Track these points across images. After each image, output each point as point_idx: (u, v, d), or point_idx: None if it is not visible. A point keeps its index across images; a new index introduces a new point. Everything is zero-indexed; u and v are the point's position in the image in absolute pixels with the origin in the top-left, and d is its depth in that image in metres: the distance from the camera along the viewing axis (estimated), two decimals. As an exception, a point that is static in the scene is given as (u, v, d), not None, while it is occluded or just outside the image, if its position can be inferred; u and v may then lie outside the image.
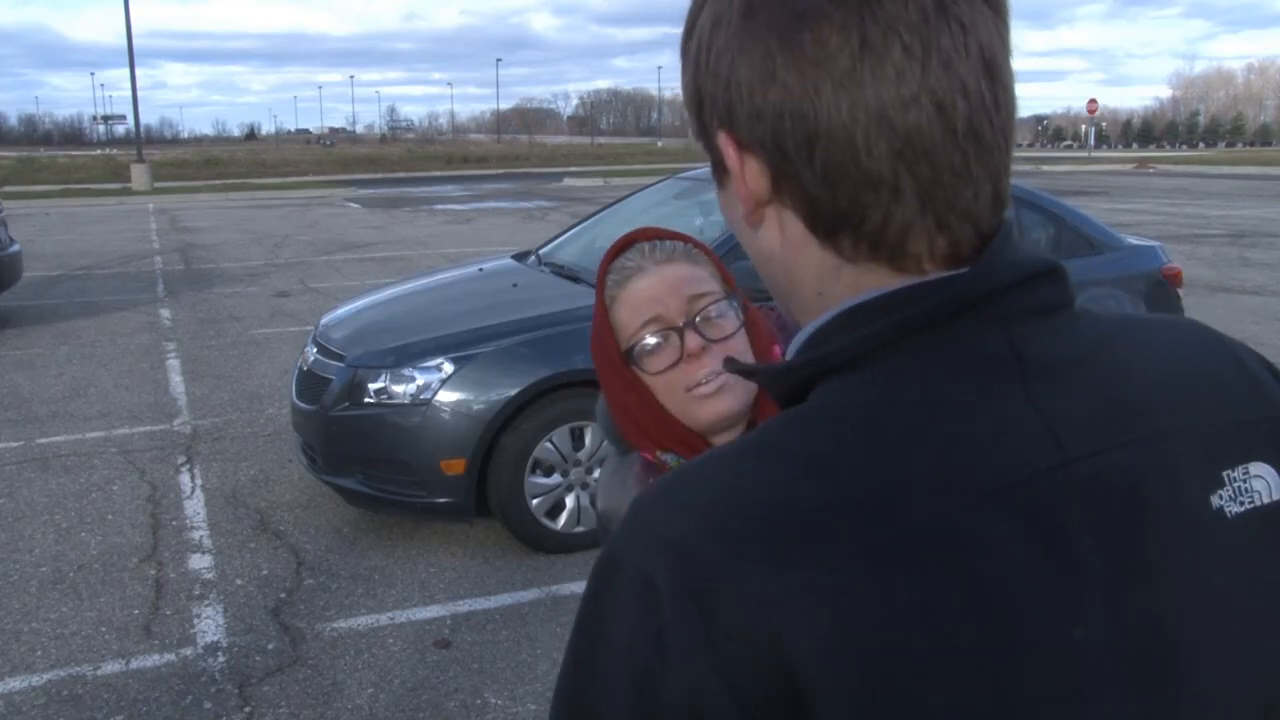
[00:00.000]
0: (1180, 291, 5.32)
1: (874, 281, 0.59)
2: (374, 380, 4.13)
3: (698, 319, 1.12)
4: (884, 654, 0.49)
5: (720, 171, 0.63)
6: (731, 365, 0.72)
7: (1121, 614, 0.54)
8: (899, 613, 0.49)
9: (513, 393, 3.98)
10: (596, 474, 4.18)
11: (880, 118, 0.55)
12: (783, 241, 0.61)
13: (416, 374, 4.08)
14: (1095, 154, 61.96)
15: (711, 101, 0.60)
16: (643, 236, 1.18)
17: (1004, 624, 0.50)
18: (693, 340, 1.11)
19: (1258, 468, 0.59)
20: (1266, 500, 0.59)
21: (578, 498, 4.14)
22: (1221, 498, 0.58)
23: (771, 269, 0.63)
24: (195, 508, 4.68)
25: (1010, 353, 0.56)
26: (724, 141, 0.59)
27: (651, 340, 1.11)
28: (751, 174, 0.59)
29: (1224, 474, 0.58)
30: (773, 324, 1.24)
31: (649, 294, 1.13)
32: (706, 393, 1.10)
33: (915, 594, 0.50)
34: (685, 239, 1.19)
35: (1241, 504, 0.58)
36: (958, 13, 0.55)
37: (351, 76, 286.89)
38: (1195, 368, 0.63)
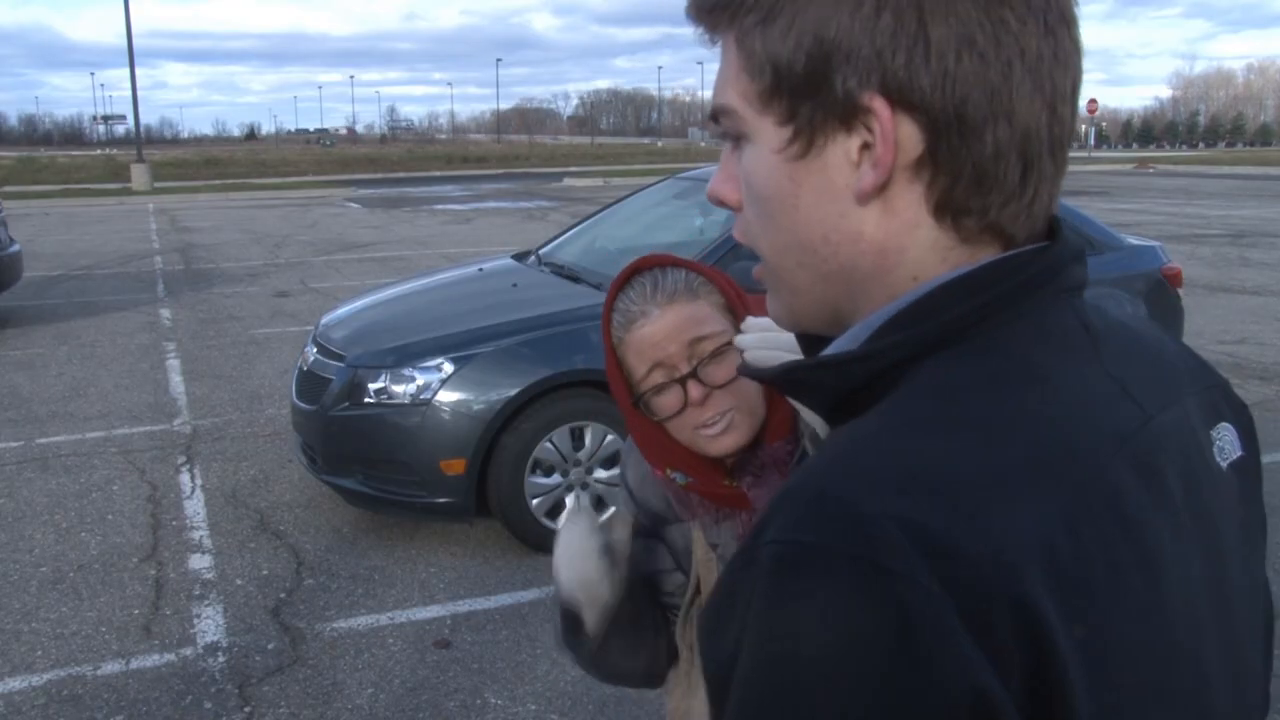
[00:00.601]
0: (1180, 291, 5.32)
1: (976, 260, 0.59)
2: (374, 380, 4.13)
3: (699, 366, 1.14)
4: (1089, 603, 0.51)
5: (813, 137, 0.58)
6: (786, 369, 0.65)
7: (1205, 555, 0.59)
8: (1094, 563, 0.51)
9: (513, 393, 3.98)
10: (598, 474, 4.18)
11: (1051, 105, 0.57)
12: (884, 222, 0.58)
13: (416, 374, 4.08)
14: (1095, 154, 61.98)
15: (866, 59, 0.55)
16: (646, 265, 1.18)
17: (1155, 567, 0.55)
18: (695, 391, 1.14)
19: (1224, 428, 0.67)
20: (1235, 455, 0.67)
21: (578, 497, 4.14)
22: (1214, 453, 0.65)
23: (853, 251, 0.60)
24: (195, 508, 4.68)
25: (1079, 323, 0.60)
26: (879, 104, 0.55)
27: (657, 389, 1.15)
28: (905, 139, 0.56)
29: (1210, 433, 0.66)
30: None
31: (651, 341, 1.14)
32: (714, 434, 1.14)
33: (1100, 544, 0.52)
34: (688, 266, 1.19)
35: (1224, 459, 0.66)
36: (1074, 14, 0.59)
37: (351, 76, 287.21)
38: (1160, 344, 0.68)
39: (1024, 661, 0.48)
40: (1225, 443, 0.66)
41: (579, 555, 1.17)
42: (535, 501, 4.07)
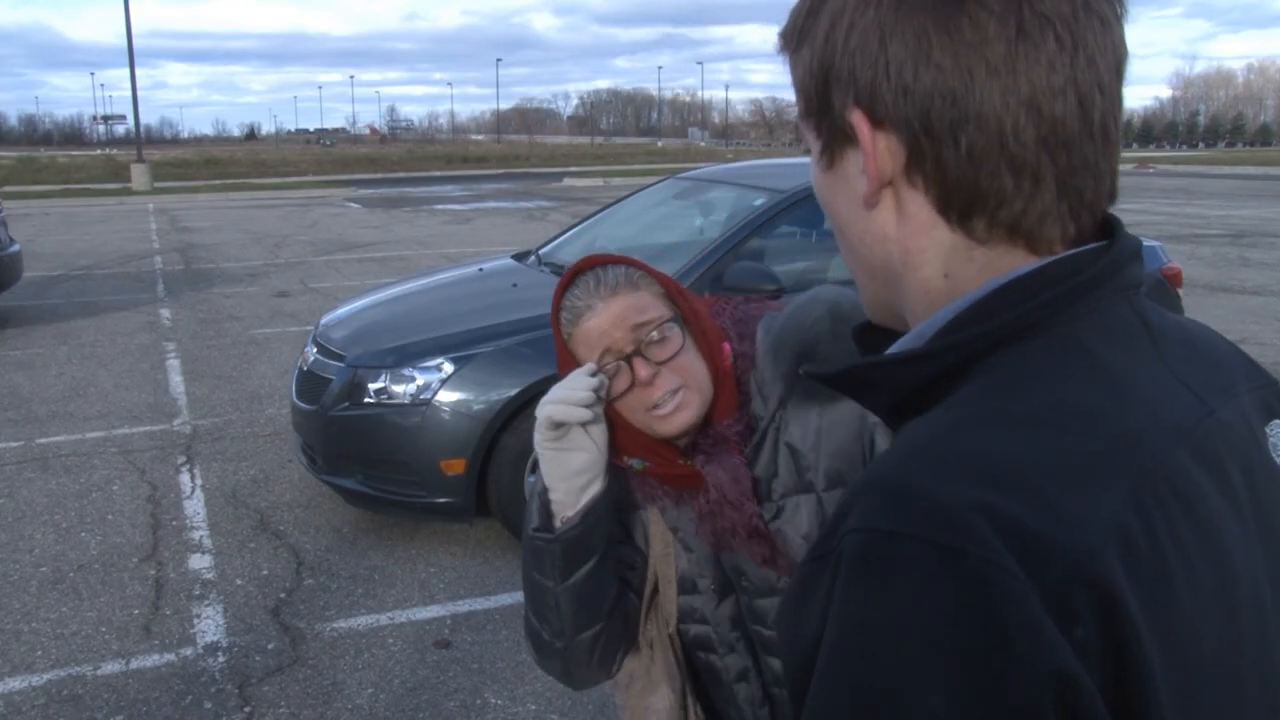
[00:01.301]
0: (1180, 291, 5.33)
1: (1011, 262, 0.61)
2: (374, 380, 4.14)
3: (645, 346, 1.22)
4: (1163, 586, 0.52)
5: (833, 151, 0.64)
6: (844, 366, 0.67)
7: (1266, 546, 0.60)
8: (1164, 548, 0.53)
9: (513, 393, 3.98)
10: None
11: (1030, 105, 0.58)
12: (901, 224, 0.62)
13: (416, 374, 4.08)
14: (1095, 154, 61.92)
15: (846, 79, 0.60)
16: (587, 266, 1.27)
17: (1221, 554, 0.56)
18: (641, 368, 1.21)
19: (1278, 425, 0.68)
20: None
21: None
22: (1270, 449, 0.66)
23: (884, 250, 0.64)
24: (195, 508, 4.68)
25: (1138, 320, 0.62)
26: (857, 119, 0.60)
27: (608, 372, 1.22)
28: (883, 152, 0.60)
29: (1265, 429, 0.66)
30: (728, 320, 1.32)
31: (599, 330, 1.23)
32: (666, 413, 1.22)
33: (1169, 530, 0.54)
34: (627, 262, 1.29)
35: (1279, 455, 0.66)
36: (1100, 10, 0.59)
37: (351, 76, 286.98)
38: (1214, 342, 0.69)
39: (1104, 645, 0.49)
40: (1276, 440, 0.68)
41: (573, 386, 1.21)
42: (535, 501, 4.06)
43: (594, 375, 1.22)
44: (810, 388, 1.26)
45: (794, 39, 0.65)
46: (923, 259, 0.63)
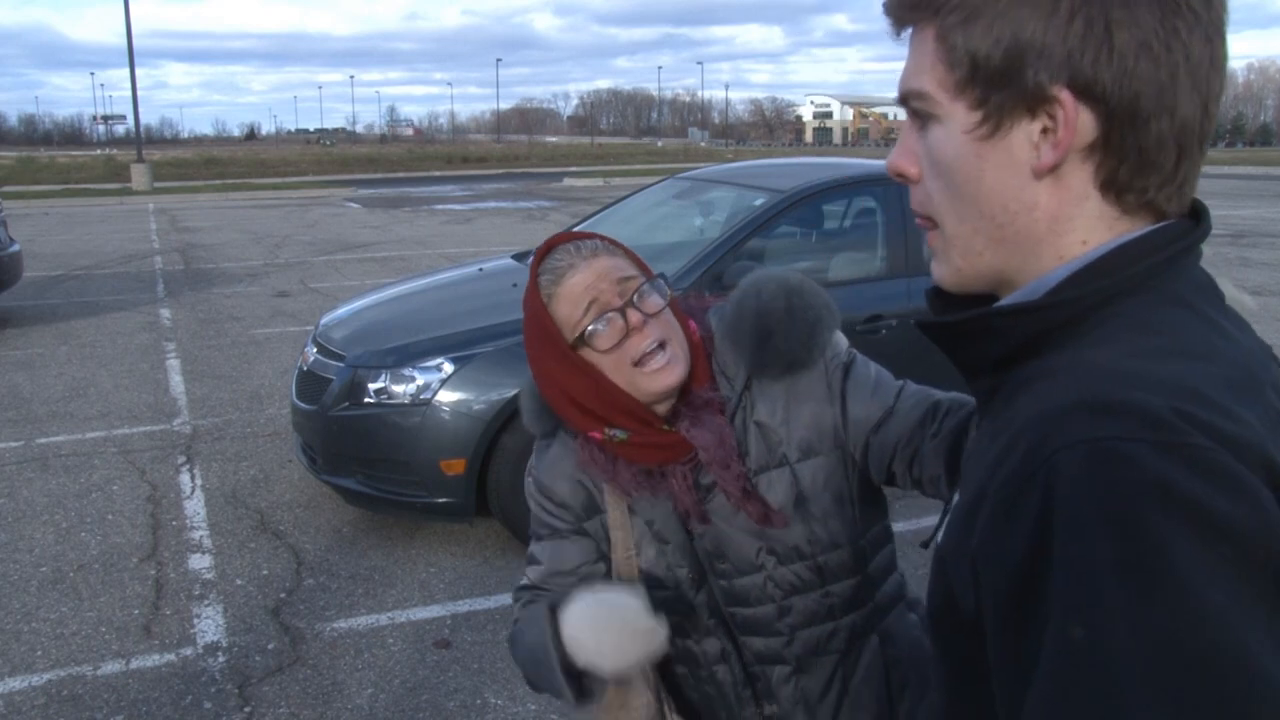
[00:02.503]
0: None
1: (1137, 229, 0.70)
2: (374, 380, 4.14)
3: (634, 297, 1.26)
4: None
5: (1000, 120, 0.69)
6: (980, 311, 0.73)
7: None
8: (1276, 444, 0.60)
9: (512, 393, 3.98)
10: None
11: (1205, 106, 0.67)
12: (1056, 193, 0.69)
13: (416, 374, 4.08)
14: (1095, 154, 61.87)
15: (1058, 57, 0.65)
16: (564, 238, 1.32)
17: None
18: (634, 315, 1.25)
19: None
20: None
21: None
22: None
23: (1029, 218, 0.70)
24: (195, 508, 4.68)
25: (1209, 282, 0.71)
26: (1066, 95, 0.66)
27: (595, 326, 1.25)
28: (1084, 125, 0.66)
29: None
30: (682, 307, 1.37)
31: (584, 285, 1.26)
32: (657, 367, 1.24)
33: (1276, 431, 0.62)
34: (601, 237, 1.33)
35: None
36: (1223, 27, 0.68)
37: (351, 76, 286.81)
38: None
39: None
40: None
41: (629, 633, 1.19)
42: (535, 501, 4.06)
43: (645, 604, 1.22)
44: (774, 363, 1.31)
45: (957, 10, 0.68)
46: (1069, 226, 0.70)
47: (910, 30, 0.73)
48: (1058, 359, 0.67)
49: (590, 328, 1.24)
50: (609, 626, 1.19)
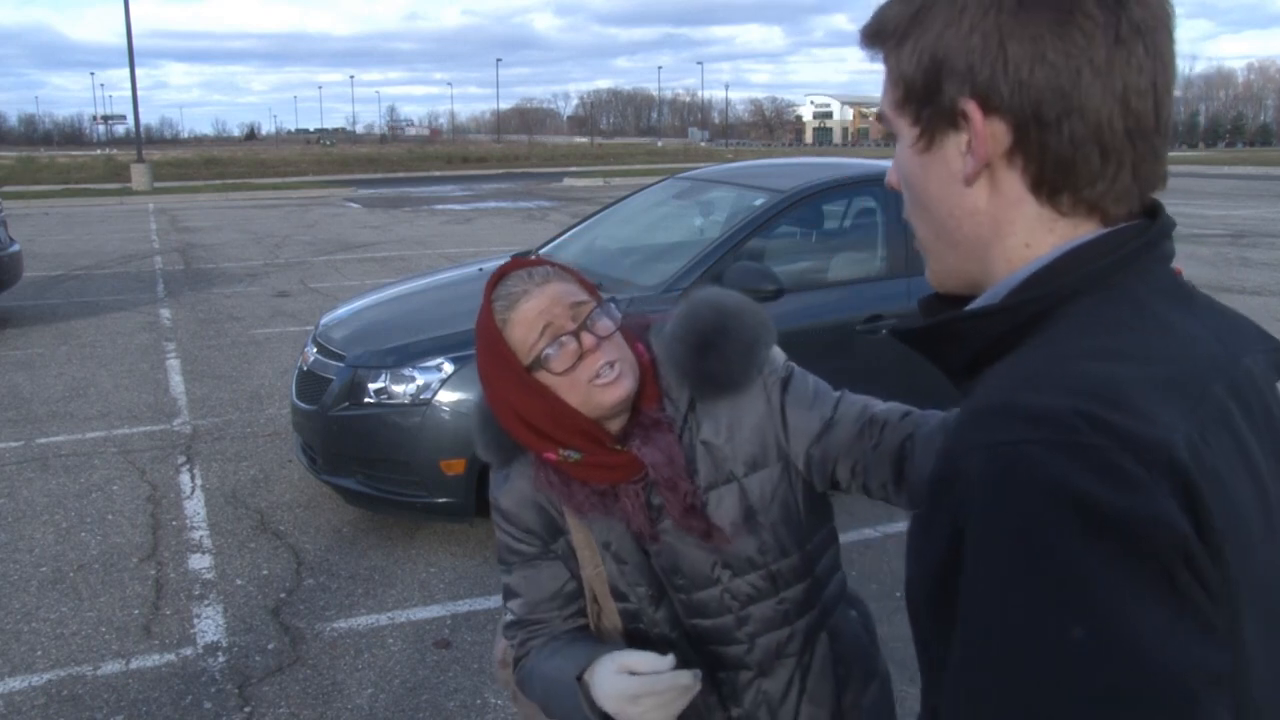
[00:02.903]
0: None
1: (1085, 232, 0.72)
2: (374, 380, 4.13)
3: (587, 321, 1.30)
4: (1223, 499, 0.61)
5: (933, 134, 0.73)
6: (927, 310, 0.80)
7: (1275, 483, 0.70)
8: (1218, 465, 0.62)
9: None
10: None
11: (1122, 101, 0.69)
12: (994, 198, 0.73)
13: (416, 374, 4.08)
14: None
15: (964, 71, 0.69)
16: (515, 267, 1.35)
17: (1257, 478, 0.66)
18: (588, 338, 1.30)
19: None
20: None
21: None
22: (1276, 405, 0.75)
23: (974, 223, 0.74)
24: (195, 508, 4.68)
25: (1173, 283, 0.73)
26: (971, 107, 0.70)
27: (550, 350, 1.29)
28: (995, 135, 0.70)
29: (1274, 385, 0.76)
30: (630, 325, 1.41)
31: (538, 310, 1.30)
32: (608, 380, 1.29)
33: (1221, 450, 0.63)
34: (551, 263, 1.38)
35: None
36: (1168, 25, 0.70)
37: (351, 76, 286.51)
38: (1228, 309, 0.79)
39: (1192, 524, 0.58)
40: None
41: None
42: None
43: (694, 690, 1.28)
44: (714, 386, 1.34)
45: (895, 36, 0.74)
46: (1010, 229, 0.73)
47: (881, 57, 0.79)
48: (1005, 363, 0.70)
49: (546, 351, 1.29)
50: (649, 696, 1.26)
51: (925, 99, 0.72)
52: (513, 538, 1.46)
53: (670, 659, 1.28)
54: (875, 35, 0.77)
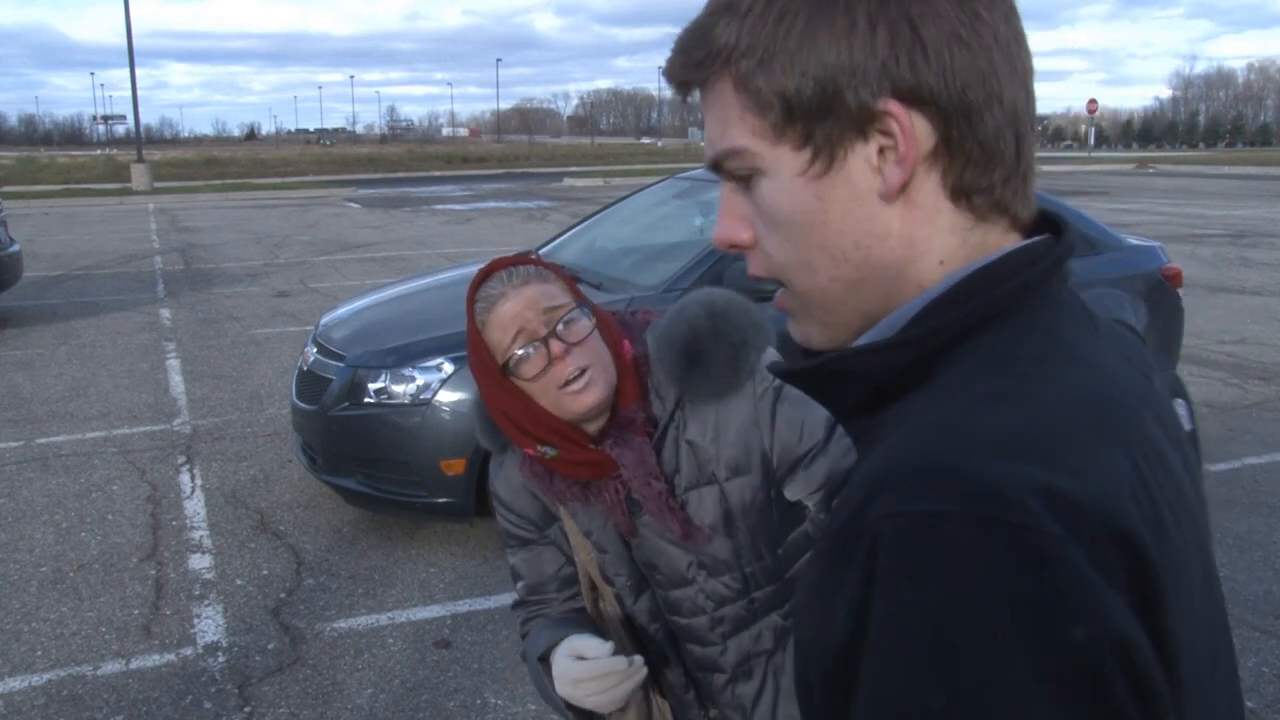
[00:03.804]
0: (1180, 291, 5.32)
1: (992, 240, 0.65)
2: (374, 380, 4.13)
3: (558, 327, 1.31)
4: (1164, 540, 0.56)
5: (832, 153, 0.63)
6: (834, 356, 0.68)
7: (1197, 495, 0.67)
8: (1158, 504, 0.57)
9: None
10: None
11: (1025, 84, 0.64)
12: (908, 214, 0.64)
13: (416, 374, 4.08)
14: (1095, 154, 61.97)
15: (872, 71, 0.61)
16: (499, 266, 1.36)
17: (1189, 510, 0.62)
18: (556, 346, 1.30)
19: (1180, 403, 0.83)
20: (1188, 428, 0.81)
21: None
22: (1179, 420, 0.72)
23: (884, 248, 0.65)
24: (195, 508, 4.68)
25: (1080, 307, 0.67)
26: (893, 107, 0.61)
27: (521, 352, 1.30)
28: (921, 133, 0.62)
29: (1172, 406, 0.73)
30: (615, 323, 1.42)
31: (512, 314, 1.31)
32: (577, 389, 1.30)
33: (1158, 487, 0.58)
34: (535, 262, 1.38)
35: (1184, 429, 0.73)
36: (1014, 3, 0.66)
37: (351, 76, 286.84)
38: (1124, 331, 0.74)
39: (1137, 597, 0.52)
40: (1182, 417, 0.78)
41: (609, 681, 1.30)
42: (535, 501, 4.06)
43: (639, 679, 1.31)
44: (702, 384, 1.35)
45: (749, 55, 0.63)
46: (926, 247, 0.64)
47: (699, 91, 0.68)
48: (909, 405, 0.62)
49: (517, 354, 1.30)
50: (590, 680, 1.30)
51: (821, 113, 0.62)
52: (511, 523, 1.51)
53: (610, 645, 1.32)
54: (706, 61, 0.66)
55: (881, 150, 0.62)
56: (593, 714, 1.35)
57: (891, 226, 0.64)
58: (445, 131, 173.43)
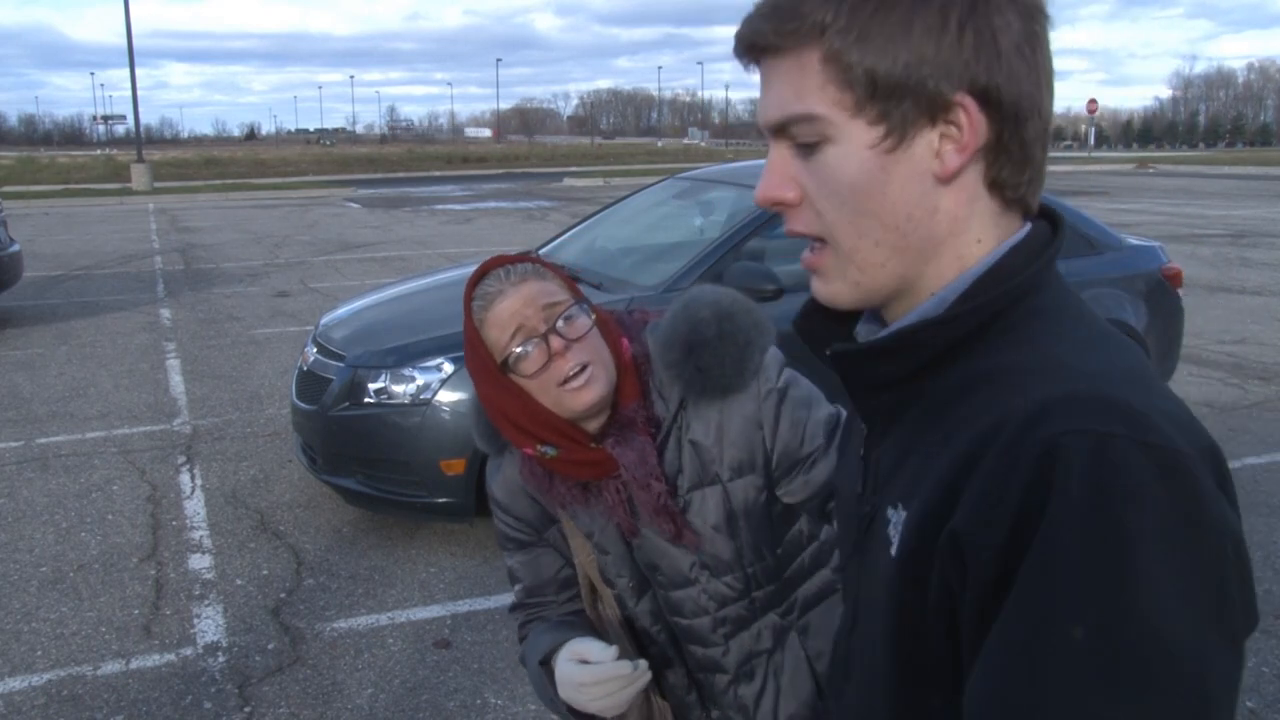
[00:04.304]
0: (1180, 291, 5.32)
1: (1014, 224, 0.76)
2: (374, 380, 4.13)
3: (557, 323, 1.30)
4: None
5: (904, 133, 0.71)
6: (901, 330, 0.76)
7: None
8: None
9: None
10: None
11: (1052, 105, 0.74)
12: (956, 195, 0.73)
13: (416, 374, 4.08)
14: (1095, 154, 61.96)
15: (948, 67, 0.69)
16: (496, 264, 1.36)
17: None
18: (556, 341, 1.29)
19: None
20: None
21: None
22: None
23: (933, 222, 0.73)
24: (195, 508, 4.68)
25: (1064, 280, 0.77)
26: (968, 102, 0.70)
27: (520, 349, 1.29)
28: (981, 128, 0.71)
29: None
30: (613, 321, 1.41)
31: (510, 311, 1.30)
32: (578, 385, 1.29)
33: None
34: (533, 260, 1.37)
35: None
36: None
37: (351, 76, 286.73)
38: None
39: (1229, 501, 0.64)
40: None
41: (613, 685, 1.30)
42: (535, 501, 4.06)
43: (642, 684, 1.32)
44: (705, 384, 1.33)
45: (849, 30, 0.70)
46: (966, 225, 0.74)
47: (772, 60, 0.74)
48: (1001, 359, 0.70)
49: (516, 353, 1.29)
50: (594, 685, 1.30)
51: (902, 95, 0.70)
52: (508, 526, 1.50)
53: (614, 649, 1.31)
54: (799, 31, 0.72)
55: (944, 137, 0.71)
56: (594, 717, 1.35)
57: (941, 204, 0.73)
58: (469, 132, 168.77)
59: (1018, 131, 0.71)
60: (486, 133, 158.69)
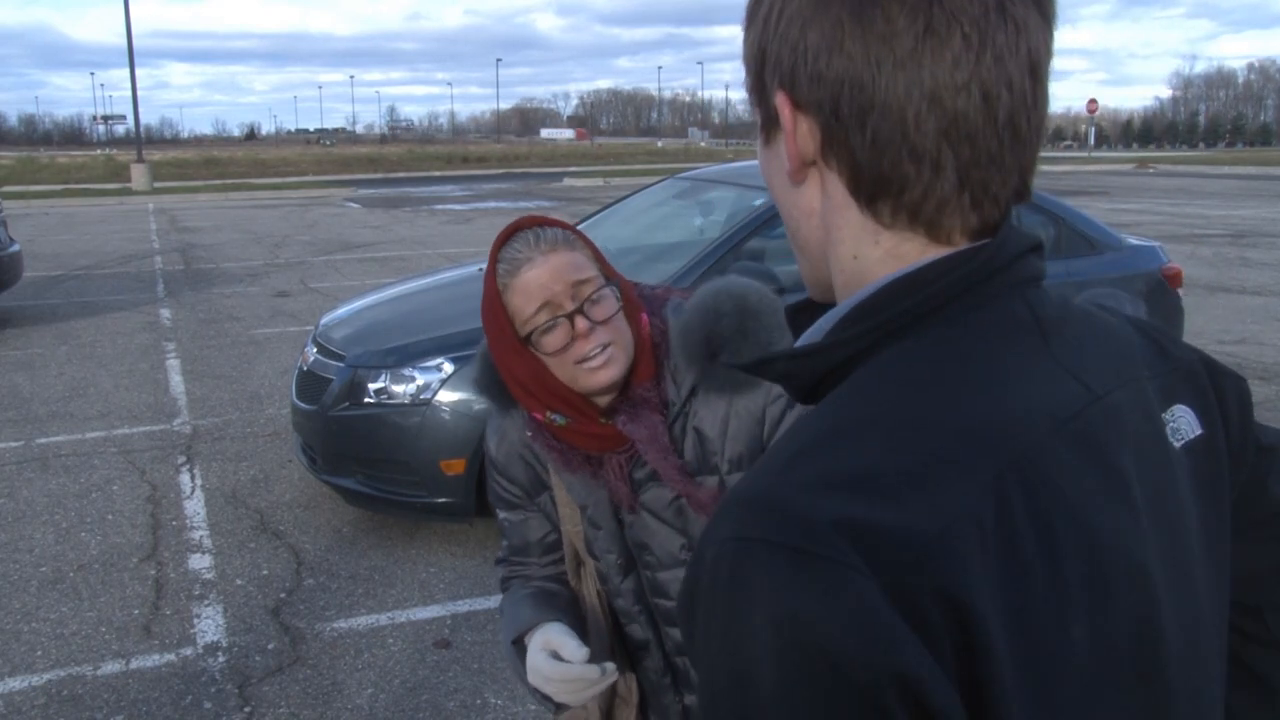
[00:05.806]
0: (1180, 291, 5.32)
1: (910, 250, 0.63)
2: (374, 380, 4.14)
3: (584, 304, 1.26)
4: (1024, 578, 0.54)
5: (769, 128, 0.67)
6: (768, 359, 0.69)
7: (1160, 533, 0.62)
8: (1027, 540, 0.54)
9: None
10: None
11: (933, 98, 0.59)
12: (824, 200, 0.65)
13: (416, 374, 4.08)
14: (1095, 154, 61.96)
15: (775, 62, 0.63)
16: (527, 224, 1.31)
17: (1098, 545, 0.58)
18: (582, 323, 1.26)
19: (1179, 409, 0.70)
20: (1191, 435, 0.70)
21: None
22: (1169, 434, 0.69)
23: (810, 225, 0.67)
24: (195, 508, 4.68)
25: (1029, 314, 0.63)
26: (781, 100, 0.63)
27: (546, 325, 1.26)
28: (802, 133, 0.63)
29: (1164, 415, 0.69)
30: (637, 297, 1.38)
31: (538, 282, 1.26)
32: (596, 365, 1.26)
33: (1033, 522, 0.55)
34: (565, 226, 1.33)
35: (1178, 439, 0.69)
36: (1014, 14, 0.60)
37: (352, 76, 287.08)
38: (1119, 331, 0.71)
39: (952, 639, 0.51)
40: (1181, 424, 0.70)
41: (577, 684, 1.31)
42: (535, 501, 4.06)
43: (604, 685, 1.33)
44: (720, 377, 1.33)
45: (745, 19, 0.67)
46: (839, 236, 0.65)
47: None
48: (799, 422, 0.64)
49: (539, 329, 1.26)
50: (559, 681, 1.31)
51: (759, 90, 0.66)
52: (501, 487, 1.51)
53: (585, 651, 1.31)
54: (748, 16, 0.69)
55: (786, 133, 0.64)
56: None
57: (814, 206, 0.66)
58: (545, 133, 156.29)
59: (847, 136, 0.61)
60: (569, 134, 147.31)
